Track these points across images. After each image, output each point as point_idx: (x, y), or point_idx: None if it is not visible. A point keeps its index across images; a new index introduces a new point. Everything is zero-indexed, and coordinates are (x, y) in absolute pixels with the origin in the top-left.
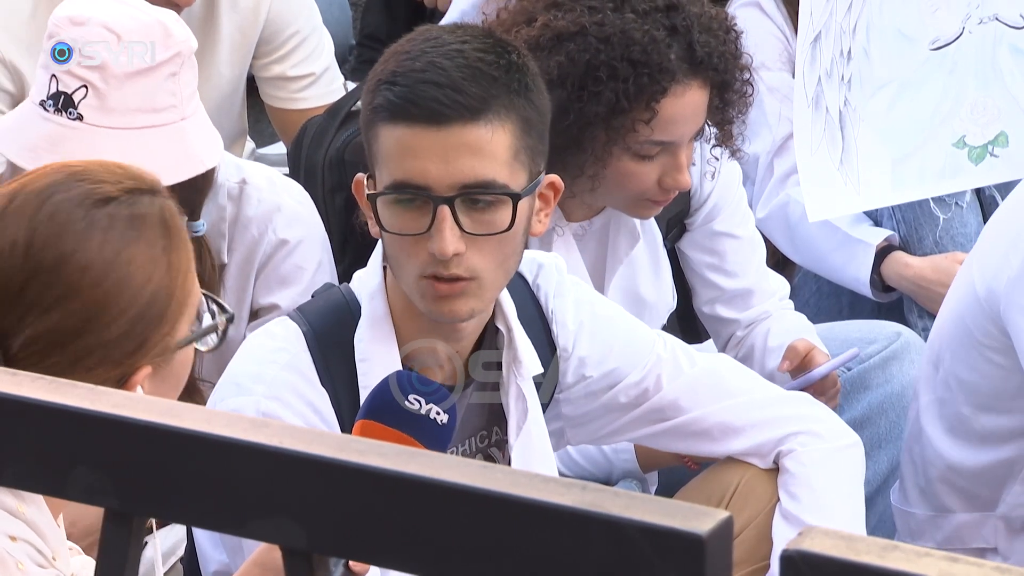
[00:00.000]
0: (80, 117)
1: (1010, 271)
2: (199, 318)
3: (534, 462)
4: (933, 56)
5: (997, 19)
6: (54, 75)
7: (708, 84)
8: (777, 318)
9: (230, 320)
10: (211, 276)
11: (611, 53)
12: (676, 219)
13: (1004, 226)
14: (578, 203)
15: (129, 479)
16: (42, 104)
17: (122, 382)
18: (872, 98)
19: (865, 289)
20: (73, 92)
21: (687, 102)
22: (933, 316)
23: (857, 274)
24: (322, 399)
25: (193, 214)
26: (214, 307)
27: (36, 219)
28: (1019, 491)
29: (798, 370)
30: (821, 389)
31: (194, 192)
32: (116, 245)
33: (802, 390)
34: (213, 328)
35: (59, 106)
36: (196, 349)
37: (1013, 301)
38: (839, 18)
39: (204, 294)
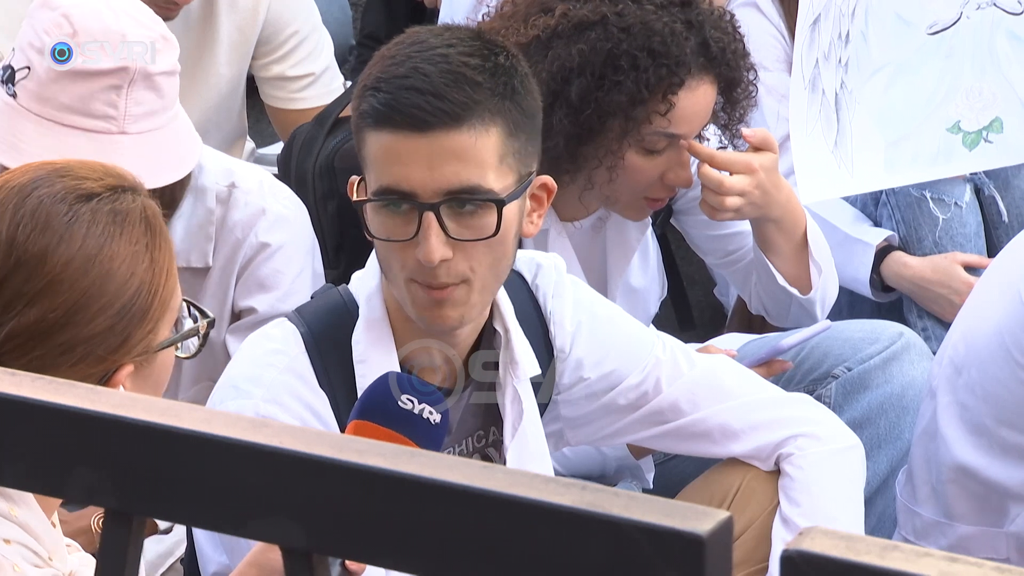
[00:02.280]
0: (15, 95)
1: None
2: (179, 322)
3: (529, 463)
4: (930, 40)
5: (995, 5)
6: (14, 48)
7: (717, 81)
8: None
9: (211, 324)
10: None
11: (632, 43)
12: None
13: None
14: (576, 209)
15: (129, 479)
16: None
17: (105, 379)
18: (868, 81)
19: (864, 289)
20: (18, 69)
21: (699, 97)
22: (933, 316)
23: (856, 274)
24: (321, 401)
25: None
26: (195, 312)
27: (19, 214)
28: None
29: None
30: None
31: (166, 198)
32: (99, 240)
33: (772, 362)
34: (195, 331)
35: (4, 78)
36: (176, 357)
37: None
38: (839, 1)
39: (185, 299)
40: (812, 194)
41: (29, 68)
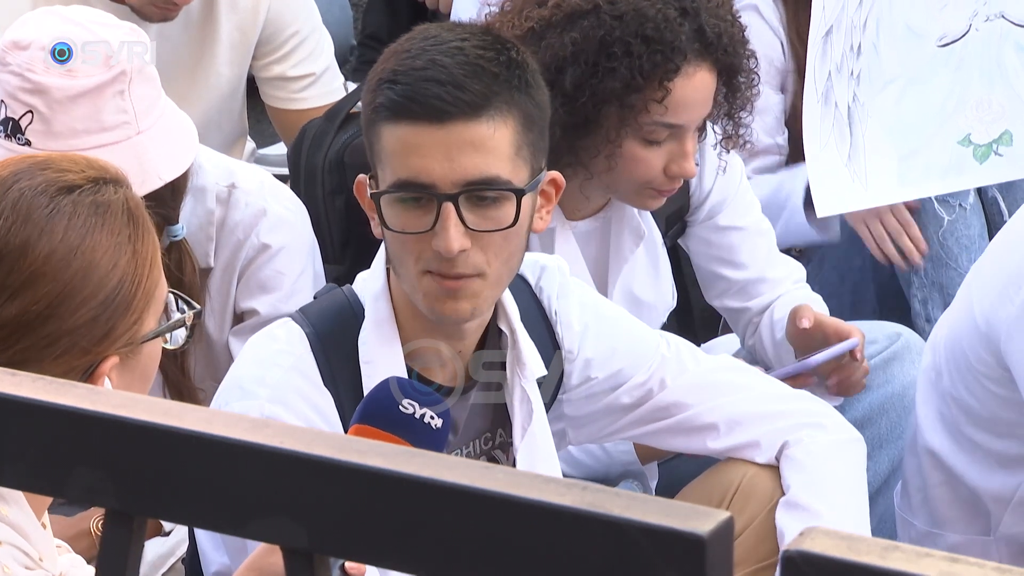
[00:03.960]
0: (28, 143)
1: (1011, 308)
2: (167, 314)
3: (539, 464)
4: (940, 53)
5: (1003, 16)
6: (2, 100)
7: (716, 68)
8: (787, 296)
9: (198, 315)
10: (192, 281)
11: (625, 30)
12: (676, 216)
13: (1006, 255)
14: (579, 201)
15: (129, 479)
16: None
17: (90, 371)
18: (880, 94)
19: (800, 215)
20: (20, 118)
21: (697, 84)
22: (934, 292)
23: (791, 195)
24: (326, 401)
25: (169, 219)
26: (183, 305)
27: (0, 206)
28: (1010, 521)
29: (812, 336)
30: (846, 378)
31: (167, 197)
32: (80, 231)
33: (797, 376)
34: (181, 322)
35: (8, 132)
36: (166, 348)
37: (1014, 341)
38: (850, 12)
39: (171, 291)
40: (827, 207)
41: (32, 112)
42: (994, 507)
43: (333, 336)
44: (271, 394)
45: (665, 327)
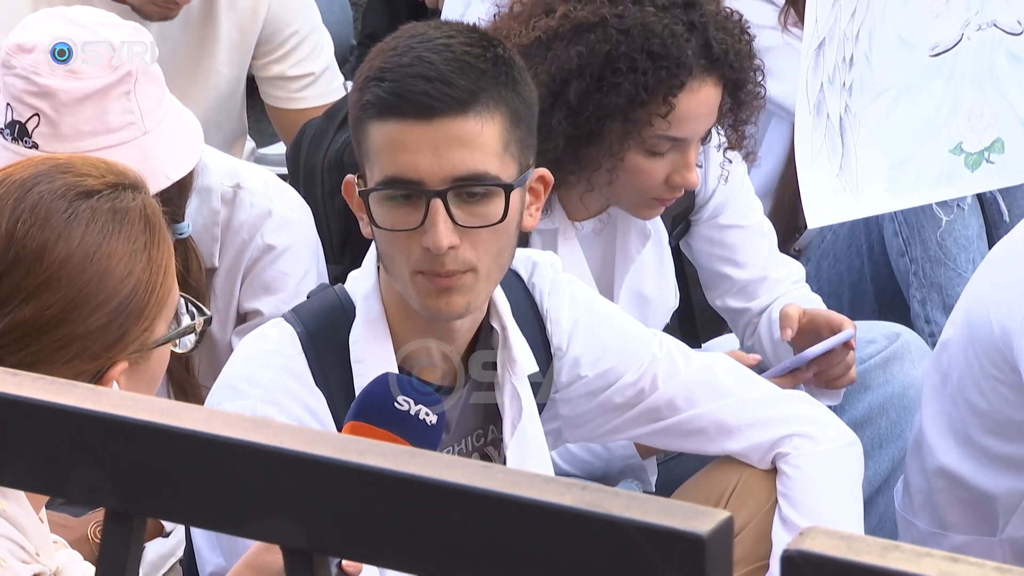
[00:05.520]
0: (35, 146)
1: None
2: (177, 319)
3: (529, 461)
4: (932, 62)
5: (995, 25)
6: (9, 103)
7: (722, 82)
8: (785, 297)
9: (208, 322)
10: (198, 279)
11: (631, 45)
12: (681, 216)
13: (1019, 258)
14: (577, 209)
15: (129, 479)
16: (1, 132)
17: (99, 376)
18: (872, 104)
19: None
20: (26, 121)
21: (702, 99)
22: (933, 292)
23: None
24: (318, 401)
25: (175, 217)
26: (192, 308)
27: (19, 209)
28: (1019, 523)
29: (805, 333)
30: (827, 368)
31: (174, 196)
32: (97, 237)
33: (795, 370)
34: (191, 328)
35: (15, 135)
36: (174, 351)
37: None
38: (843, 24)
39: (182, 295)
40: (818, 218)
41: (38, 115)
42: (1003, 510)
43: (324, 335)
44: (263, 395)
45: (667, 327)
